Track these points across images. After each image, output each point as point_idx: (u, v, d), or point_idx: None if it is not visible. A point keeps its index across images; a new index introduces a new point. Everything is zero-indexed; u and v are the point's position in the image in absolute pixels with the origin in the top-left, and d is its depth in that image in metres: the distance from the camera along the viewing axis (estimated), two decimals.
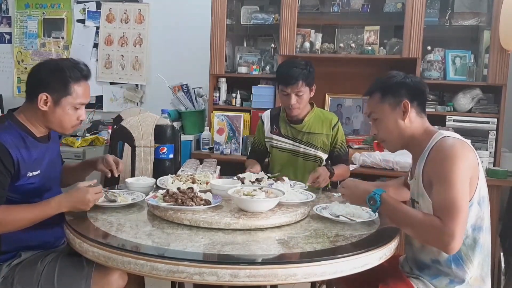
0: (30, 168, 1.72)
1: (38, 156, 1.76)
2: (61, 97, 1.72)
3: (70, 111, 1.75)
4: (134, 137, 2.92)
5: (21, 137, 1.71)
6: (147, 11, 4.31)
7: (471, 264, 1.59)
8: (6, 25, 4.75)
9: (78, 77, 1.75)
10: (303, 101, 2.46)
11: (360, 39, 3.48)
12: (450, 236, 1.43)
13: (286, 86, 2.41)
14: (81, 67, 1.77)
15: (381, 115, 1.71)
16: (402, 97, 1.68)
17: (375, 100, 1.73)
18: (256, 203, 1.67)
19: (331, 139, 2.53)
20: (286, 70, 2.43)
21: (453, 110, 3.20)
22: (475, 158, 1.56)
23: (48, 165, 1.82)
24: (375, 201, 1.59)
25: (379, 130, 1.74)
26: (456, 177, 1.48)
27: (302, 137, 2.52)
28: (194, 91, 3.76)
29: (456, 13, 3.25)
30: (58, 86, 1.71)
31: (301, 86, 2.40)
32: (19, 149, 1.68)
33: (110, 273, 1.58)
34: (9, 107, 4.60)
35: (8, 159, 1.64)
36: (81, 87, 1.75)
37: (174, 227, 1.60)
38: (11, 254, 1.75)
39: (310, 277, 1.38)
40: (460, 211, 1.45)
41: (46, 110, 1.72)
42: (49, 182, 1.83)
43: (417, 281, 1.66)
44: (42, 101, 1.71)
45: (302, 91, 2.42)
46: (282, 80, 2.44)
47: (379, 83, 1.75)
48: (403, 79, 1.71)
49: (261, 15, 3.59)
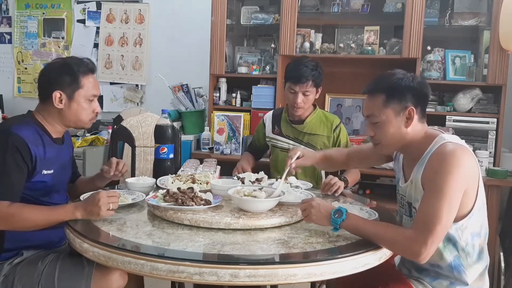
0: (45, 166, 1.76)
1: (52, 156, 1.80)
2: (74, 91, 1.77)
3: (85, 104, 1.80)
4: (134, 137, 2.92)
5: (38, 135, 1.76)
6: (147, 11, 4.31)
7: (472, 269, 1.59)
8: (6, 25, 4.75)
9: (85, 71, 1.80)
10: (308, 101, 2.47)
11: (360, 39, 3.48)
12: (420, 244, 1.42)
13: (295, 84, 2.42)
14: (86, 61, 1.83)
15: (383, 119, 1.60)
16: (408, 102, 1.57)
17: (377, 102, 1.60)
18: (256, 203, 1.68)
19: (333, 141, 2.53)
20: (296, 68, 2.44)
21: (453, 110, 3.20)
22: (475, 165, 1.54)
23: (59, 167, 1.85)
24: (341, 213, 1.53)
25: (377, 133, 1.64)
26: (449, 188, 1.45)
27: (302, 137, 2.52)
28: (194, 91, 3.76)
29: (456, 13, 3.25)
30: (68, 81, 1.76)
31: (310, 86, 2.42)
32: (37, 146, 1.73)
33: (110, 273, 1.59)
34: (9, 107, 4.63)
35: (28, 154, 1.68)
36: (90, 80, 1.81)
37: (174, 227, 1.60)
38: (13, 252, 1.76)
39: (310, 277, 1.37)
40: (439, 222, 1.43)
41: (62, 107, 1.77)
42: (58, 183, 1.86)
43: (417, 283, 1.65)
44: (57, 99, 1.76)
45: (310, 91, 2.44)
46: (292, 77, 2.44)
47: (384, 84, 1.62)
48: (411, 82, 1.59)
49: (261, 15, 3.59)
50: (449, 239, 1.57)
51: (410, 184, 1.66)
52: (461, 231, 1.56)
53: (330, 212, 1.55)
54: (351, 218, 1.54)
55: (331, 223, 1.55)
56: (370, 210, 1.78)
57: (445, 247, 1.58)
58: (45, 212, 1.65)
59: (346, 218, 1.53)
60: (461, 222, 1.55)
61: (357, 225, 1.54)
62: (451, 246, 1.58)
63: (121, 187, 2.11)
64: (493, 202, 2.86)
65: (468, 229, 1.56)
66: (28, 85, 4.73)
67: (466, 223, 1.56)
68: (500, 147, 3.09)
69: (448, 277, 1.61)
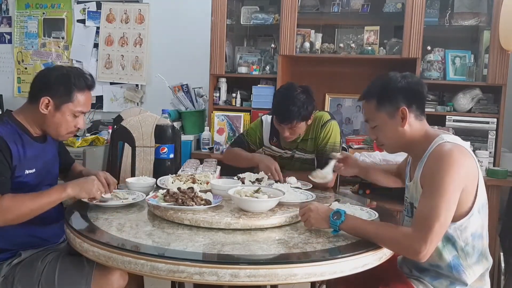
0: (26, 165, 1.75)
1: (34, 155, 1.78)
2: (63, 102, 1.76)
3: (69, 117, 1.79)
4: (134, 137, 2.92)
5: (17, 134, 1.75)
6: (147, 11, 4.31)
7: (471, 269, 1.59)
8: (6, 25, 4.75)
9: (82, 86, 1.79)
10: (297, 133, 2.34)
11: (360, 39, 3.48)
12: (419, 242, 1.42)
13: (280, 122, 2.29)
14: (87, 76, 1.82)
15: (379, 123, 1.66)
16: (399, 103, 1.61)
17: (371, 107, 1.67)
18: (257, 203, 1.68)
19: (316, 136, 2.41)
20: (281, 105, 2.27)
21: (453, 110, 3.20)
22: (474, 164, 1.54)
23: (43, 165, 1.83)
24: (339, 215, 1.54)
25: (378, 136, 1.70)
26: (446, 187, 1.46)
27: (297, 146, 2.47)
28: (194, 91, 3.76)
29: (456, 13, 3.24)
30: (61, 92, 1.75)
31: (296, 123, 2.27)
32: (16, 145, 1.72)
33: (110, 273, 1.59)
34: (9, 107, 4.63)
35: (7, 152, 1.67)
36: (83, 96, 1.80)
37: (175, 227, 1.61)
38: (10, 252, 1.75)
39: (310, 277, 1.38)
40: (437, 220, 1.43)
41: (46, 113, 1.75)
42: (44, 181, 1.84)
43: (417, 283, 1.65)
44: (43, 104, 1.74)
45: (298, 127, 2.30)
46: (277, 115, 2.32)
47: (373, 89, 1.67)
48: (399, 83, 1.62)
49: (261, 15, 3.58)
50: (448, 239, 1.57)
51: (412, 185, 1.67)
52: (460, 231, 1.56)
53: (329, 215, 1.56)
54: (349, 219, 1.55)
55: (330, 225, 1.55)
56: (370, 210, 1.78)
57: (444, 246, 1.58)
58: (37, 197, 1.65)
59: (345, 219, 1.54)
60: (460, 221, 1.55)
61: (356, 226, 1.54)
62: (450, 246, 1.58)
63: (121, 187, 2.11)
64: (493, 202, 2.86)
65: (468, 229, 1.56)
66: (28, 85, 4.62)
67: (466, 223, 1.56)
68: (500, 147, 3.09)
69: (448, 277, 1.61)
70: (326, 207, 1.64)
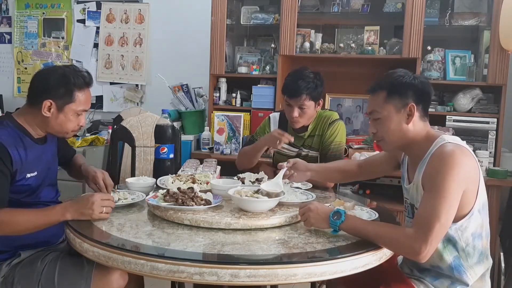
0: (28, 168, 1.74)
1: (35, 157, 1.78)
2: (65, 104, 1.76)
3: (72, 117, 1.79)
4: (134, 137, 2.92)
5: (19, 137, 1.74)
6: (147, 11, 4.31)
7: (472, 270, 1.59)
8: (6, 25, 4.75)
9: (81, 84, 1.79)
10: (306, 115, 2.37)
11: (360, 39, 3.48)
12: (420, 242, 1.42)
13: (290, 98, 2.35)
14: (84, 74, 1.81)
15: (384, 115, 1.62)
16: (408, 99, 1.60)
17: (379, 98, 1.64)
18: (257, 203, 1.68)
19: (322, 133, 2.43)
20: (291, 81, 2.35)
21: (453, 110, 3.20)
22: (475, 165, 1.54)
23: (44, 167, 1.84)
24: (339, 215, 1.54)
25: (379, 129, 1.66)
26: (448, 187, 1.46)
27: (304, 142, 2.49)
28: (194, 91, 3.76)
29: (456, 13, 3.25)
30: (62, 93, 1.75)
31: (305, 100, 2.32)
32: (17, 149, 1.71)
33: (110, 273, 1.58)
34: (9, 107, 4.63)
35: (7, 158, 1.66)
36: (84, 95, 1.80)
37: (174, 227, 1.60)
38: (9, 253, 1.75)
39: (310, 277, 1.37)
40: (438, 220, 1.43)
41: (49, 116, 1.75)
42: (45, 182, 1.84)
43: (418, 283, 1.65)
44: (46, 108, 1.74)
45: (306, 105, 2.34)
46: (286, 91, 2.37)
47: (385, 81, 1.65)
48: (412, 80, 1.62)
49: (261, 15, 3.59)
50: (449, 240, 1.57)
51: (412, 186, 1.67)
52: (461, 232, 1.56)
53: (329, 215, 1.56)
54: (349, 219, 1.55)
55: (330, 225, 1.55)
56: (370, 210, 1.78)
57: (444, 247, 1.58)
58: (34, 216, 1.64)
59: (345, 219, 1.54)
60: (461, 222, 1.55)
61: (356, 226, 1.54)
62: (451, 246, 1.58)
63: (121, 187, 2.11)
64: (493, 202, 2.86)
65: (468, 229, 1.56)
66: (28, 85, 4.70)
67: (466, 223, 1.56)
68: (500, 147, 3.09)
69: (449, 277, 1.61)
70: (326, 207, 1.64)
